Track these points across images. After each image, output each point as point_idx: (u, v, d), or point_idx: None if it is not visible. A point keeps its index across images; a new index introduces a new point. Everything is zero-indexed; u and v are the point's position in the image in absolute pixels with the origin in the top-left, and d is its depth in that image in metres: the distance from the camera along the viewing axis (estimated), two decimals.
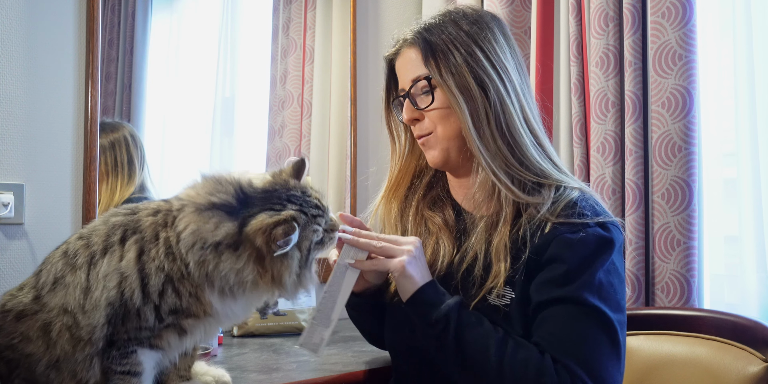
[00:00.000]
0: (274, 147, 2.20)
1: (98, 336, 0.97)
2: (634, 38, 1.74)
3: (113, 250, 0.99)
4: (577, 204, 1.12)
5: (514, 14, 2.04)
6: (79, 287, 0.98)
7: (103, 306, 0.97)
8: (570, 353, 1.01)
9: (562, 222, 1.09)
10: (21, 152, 1.58)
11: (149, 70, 1.96)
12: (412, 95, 1.20)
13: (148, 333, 0.99)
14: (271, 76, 2.22)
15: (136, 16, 1.94)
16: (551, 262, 1.07)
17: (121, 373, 1.00)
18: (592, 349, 1.02)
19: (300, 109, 2.21)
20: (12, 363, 1.02)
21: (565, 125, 1.90)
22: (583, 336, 1.03)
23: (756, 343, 1.27)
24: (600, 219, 1.11)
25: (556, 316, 1.05)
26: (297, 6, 2.23)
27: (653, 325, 1.43)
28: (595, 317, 1.03)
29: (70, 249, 1.01)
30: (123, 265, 0.97)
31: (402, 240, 1.13)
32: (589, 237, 1.07)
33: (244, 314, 1.08)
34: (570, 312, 1.04)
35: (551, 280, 1.06)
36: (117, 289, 0.96)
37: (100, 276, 0.97)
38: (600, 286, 1.05)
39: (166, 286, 0.97)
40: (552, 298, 1.05)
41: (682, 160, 1.65)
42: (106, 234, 1.00)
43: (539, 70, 1.98)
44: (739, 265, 1.67)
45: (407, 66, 1.21)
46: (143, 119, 1.94)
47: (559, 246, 1.07)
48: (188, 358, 1.11)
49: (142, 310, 0.97)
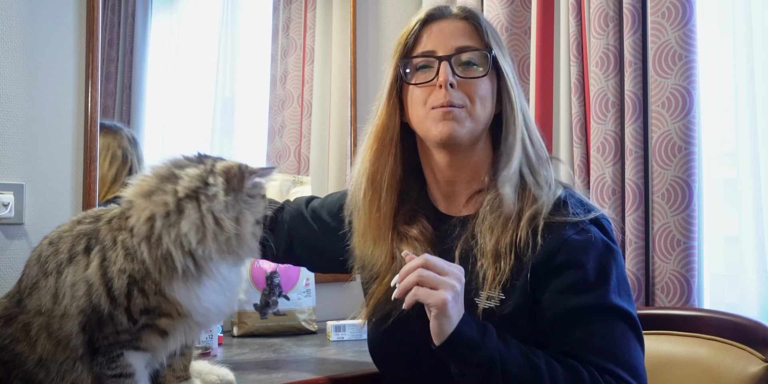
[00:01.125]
0: (274, 147, 2.20)
1: (75, 343, 1.00)
2: (634, 38, 1.74)
3: (78, 260, 1.01)
4: (567, 202, 1.11)
5: (514, 14, 2.04)
6: (49, 293, 1.01)
7: (74, 314, 0.99)
8: (611, 358, 1.02)
9: (561, 222, 1.08)
10: (21, 152, 1.58)
11: (149, 70, 1.96)
12: (453, 62, 1.14)
13: (127, 336, 1.00)
14: (271, 76, 2.22)
15: (136, 16, 1.94)
16: (566, 268, 1.06)
17: (113, 376, 1.01)
18: (627, 349, 1.04)
19: (300, 109, 2.21)
20: (9, 364, 1.04)
21: (565, 125, 1.90)
22: (618, 340, 1.04)
23: (756, 343, 1.27)
24: (592, 215, 1.10)
25: (589, 324, 1.04)
26: (297, 6, 2.23)
27: (653, 325, 1.43)
28: (623, 319, 1.05)
29: (43, 254, 1.05)
30: (88, 274, 0.99)
31: (447, 268, 1.00)
32: (596, 238, 1.07)
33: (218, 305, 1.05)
34: (601, 318, 1.05)
35: (571, 287, 1.05)
36: (86, 297, 0.99)
37: (67, 285, 1.00)
38: (619, 287, 1.07)
39: (131, 287, 0.98)
40: (580, 306, 1.05)
41: (682, 160, 1.65)
42: (72, 243, 1.03)
43: (539, 70, 1.98)
44: (739, 265, 1.67)
45: (454, 32, 1.16)
46: (143, 119, 1.94)
47: (569, 251, 1.06)
48: (184, 358, 1.11)
49: (113, 314, 0.98)
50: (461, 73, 1.13)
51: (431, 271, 0.98)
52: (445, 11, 1.19)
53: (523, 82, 2.04)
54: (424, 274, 0.97)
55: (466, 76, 1.14)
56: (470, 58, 1.15)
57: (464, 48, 1.14)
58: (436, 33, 1.17)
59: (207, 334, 1.50)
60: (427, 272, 0.98)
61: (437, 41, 1.16)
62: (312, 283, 1.89)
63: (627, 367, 1.02)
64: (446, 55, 1.13)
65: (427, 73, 1.15)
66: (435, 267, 0.99)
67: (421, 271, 0.98)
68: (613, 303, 1.05)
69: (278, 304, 1.83)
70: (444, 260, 1.02)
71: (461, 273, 1.01)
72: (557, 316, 1.06)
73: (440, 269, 0.99)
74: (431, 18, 1.18)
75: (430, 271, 0.98)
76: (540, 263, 1.07)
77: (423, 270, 0.98)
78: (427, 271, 0.98)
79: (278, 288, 1.83)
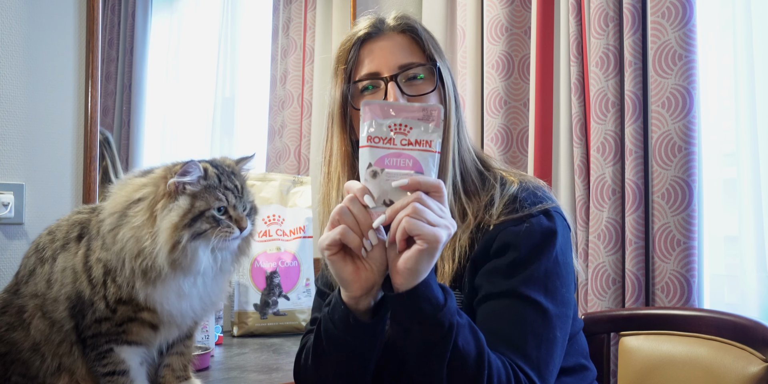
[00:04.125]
0: (274, 147, 2.20)
1: (68, 328, 1.03)
2: (634, 38, 1.74)
3: (69, 247, 1.05)
4: (517, 197, 1.10)
5: (514, 14, 2.04)
6: (44, 279, 1.05)
7: (63, 300, 1.02)
8: (520, 354, 0.98)
9: (503, 220, 1.07)
10: (21, 152, 1.58)
11: (149, 69, 1.96)
12: (401, 81, 1.12)
13: (108, 326, 1.01)
14: (271, 76, 2.22)
15: (136, 16, 1.94)
16: (498, 254, 1.05)
17: (107, 374, 1.01)
18: (536, 345, 0.99)
19: (300, 109, 2.21)
20: (6, 357, 1.06)
21: (565, 125, 1.90)
22: (528, 333, 1.00)
23: (756, 343, 1.27)
24: (542, 207, 1.08)
25: (501, 311, 1.01)
26: (297, 6, 2.23)
27: (653, 325, 1.43)
28: (539, 313, 1.01)
29: (41, 243, 1.09)
30: (75, 261, 1.03)
31: (445, 213, 0.89)
32: (534, 228, 1.05)
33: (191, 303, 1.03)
34: (514, 307, 1.01)
35: (497, 269, 1.04)
36: (72, 284, 1.02)
37: (57, 269, 1.04)
38: (546, 280, 1.03)
39: (106, 276, 1.01)
40: (498, 291, 1.02)
41: (682, 160, 1.65)
42: (67, 230, 1.08)
43: (539, 70, 1.98)
44: (739, 265, 1.67)
45: (394, 49, 1.14)
46: (143, 119, 1.94)
47: (504, 238, 1.05)
48: (183, 358, 1.11)
49: (93, 300, 1.01)
50: (409, 91, 1.11)
51: (435, 201, 0.88)
52: (382, 27, 1.16)
53: (523, 82, 2.05)
54: (420, 207, 0.86)
55: (414, 93, 1.12)
56: (416, 74, 1.13)
57: (408, 65, 1.12)
58: (377, 52, 1.14)
59: (204, 334, 1.50)
60: (423, 207, 0.86)
61: (380, 62, 1.13)
62: (312, 283, 1.89)
63: (532, 365, 0.98)
64: (392, 74, 1.11)
65: (375, 94, 1.13)
66: (443, 199, 0.89)
67: (417, 205, 0.86)
68: (529, 295, 1.00)
69: (278, 304, 1.83)
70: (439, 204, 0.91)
71: (454, 225, 0.91)
72: (481, 297, 1.04)
73: (436, 210, 0.88)
74: (368, 36, 1.15)
75: (432, 204, 0.88)
76: (478, 255, 1.06)
77: (420, 204, 0.87)
78: (428, 204, 0.87)
79: (278, 288, 1.83)
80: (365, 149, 0.89)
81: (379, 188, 0.87)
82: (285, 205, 1.93)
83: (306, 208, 1.94)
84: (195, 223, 0.99)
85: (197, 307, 1.05)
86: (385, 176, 0.87)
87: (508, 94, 2.02)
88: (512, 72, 2.03)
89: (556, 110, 1.97)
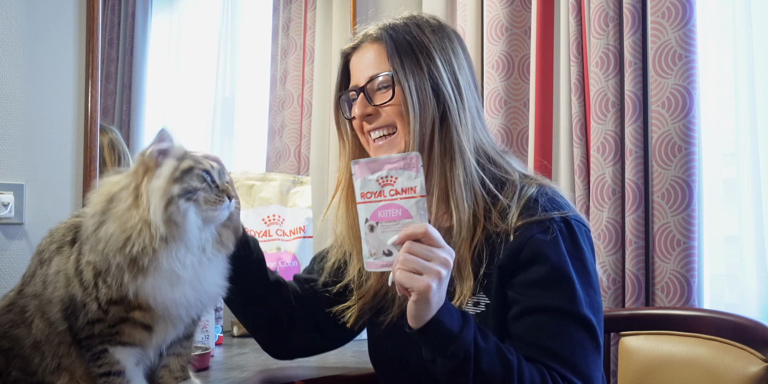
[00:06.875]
0: (274, 147, 2.20)
1: (63, 329, 1.03)
2: (634, 38, 1.74)
3: (63, 250, 1.05)
4: (536, 200, 1.10)
5: (514, 14, 2.04)
6: (41, 281, 1.06)
7: (56, 302, 1.03)
8: (569, 367, 1.02)
9: (525, 222, 1.07)
10: (21, 152, 1.58)
11: (149, 70, 1.96)
12: (368, 90, 1.17)
13: (101, 327, 1.01)
14: (271, 76, 2.22)
15: (136, 16, 1.94)
16: (532, 264, 1.06)
17: (102, 375, 1.01)
18: (584, 359, 1.04)
19: (300, 109, 2.21)
20: (9, 353, 1.06)
21: (565, 125, 1.90)
22: (576, 348, 1.04)
23: (756, 343, 1.27)
24: (559, 213, 1.09)
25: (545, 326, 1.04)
26: (297, 6, 2.24)
27: (653, 325, 1.43)
28: (584, 328, 1.05)
29: (42, 245, 1.10)
30: (68, 266, 1.03)
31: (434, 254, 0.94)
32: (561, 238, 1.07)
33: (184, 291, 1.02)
34: (563, 323, 1.04)
35: (533, 283, 1.05)
36: (65, 288, 1.02)
37: (52, 272, 1.04)
38: (582, 290, 1.06)
39: (96, 278, 1.00)
40: (537, 305, 1.04)
41: (682, 160, 1.65)
42: (63, 233, 1.07)
43: (539, 70, 1.98)
44: (739, 265, 1.67)
45: (366, 62, 1.18)
46: (143, 119, 1.94)
47: (534, 248, 1.06)
48: (180, 359, 1.11)
49: (85, 302, 1.01)
50: (378, 101, 1.16)
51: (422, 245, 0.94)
52: (363, 38, 1.20)
53: (523, 82, 2.04)
54: (408, 257, 0.93)
55: (380, 102, 1.16)
56: (381, 84, 1.16)
57: (373, 76, 1.16)
58: (356, 64, 1.21)
59: (204, 334, 1.50)
60: (411, 256, 0.93)
61: (358, 73, 1.20)
62: None
63: (583, 378, 1.02)
64: (361, 86, 1.17)
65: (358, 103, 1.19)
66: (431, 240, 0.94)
67: (406, 255, 0.93)
68: (578, 311, 1.04)
69: None
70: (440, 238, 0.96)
71: (450, 258, 0.96)
72: (521, 311, 1.06)
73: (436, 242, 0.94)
74: (353, 49, 1.21)
75: (419, 249, 0.94)
76: (506, 262, 1.07)
77: (408, 252, 0.93)
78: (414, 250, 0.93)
79: None
80: (361, 206, 0.99)
81: (378, 241, 0.97)
82: (285, 205, 1.93)
83: (306, 208, 1.94)
84: (185, 177, 0.99)
85: (190, 296, 1.03)
86: (380, 229, 0.97)
87: (508, 94, 2.02)
88: (512, 72, 2.03)
89: (556, 110, 1.97)
